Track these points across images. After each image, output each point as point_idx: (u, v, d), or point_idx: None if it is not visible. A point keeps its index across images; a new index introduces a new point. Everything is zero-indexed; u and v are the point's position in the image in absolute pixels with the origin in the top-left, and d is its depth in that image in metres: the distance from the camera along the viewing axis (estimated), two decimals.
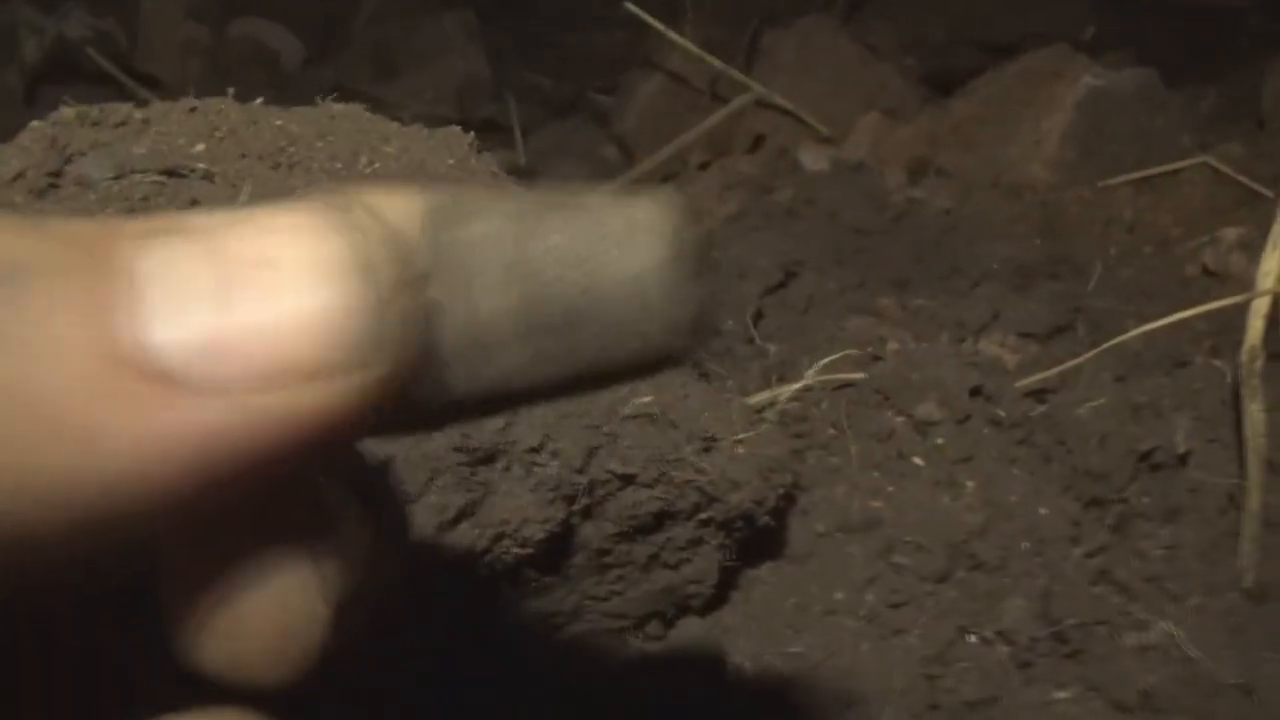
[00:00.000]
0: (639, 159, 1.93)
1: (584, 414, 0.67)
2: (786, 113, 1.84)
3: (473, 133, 0.76)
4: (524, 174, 2.18)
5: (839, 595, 0.86)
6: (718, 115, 1.74)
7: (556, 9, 2.80)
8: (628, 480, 0.70)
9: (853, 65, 1.96)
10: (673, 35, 1.82)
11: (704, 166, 1.78)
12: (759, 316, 1.30)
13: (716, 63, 1.84)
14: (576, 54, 2.66)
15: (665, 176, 1.83)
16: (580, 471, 0.68)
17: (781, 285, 1.36)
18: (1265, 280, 0.96)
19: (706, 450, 0.73)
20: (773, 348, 1.20)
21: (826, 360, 0.94)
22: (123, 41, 1.86)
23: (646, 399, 0.68)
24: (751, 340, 1.24)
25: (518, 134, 2.18)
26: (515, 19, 2.75)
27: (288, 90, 2.28)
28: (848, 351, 0.96)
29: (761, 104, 1.85)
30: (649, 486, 0.71)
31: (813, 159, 1.76)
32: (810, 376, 0.92)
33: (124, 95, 1.83)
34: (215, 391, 0.21)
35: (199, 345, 0.21)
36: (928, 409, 1.02)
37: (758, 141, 1.87)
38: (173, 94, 1.99)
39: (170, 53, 2.19)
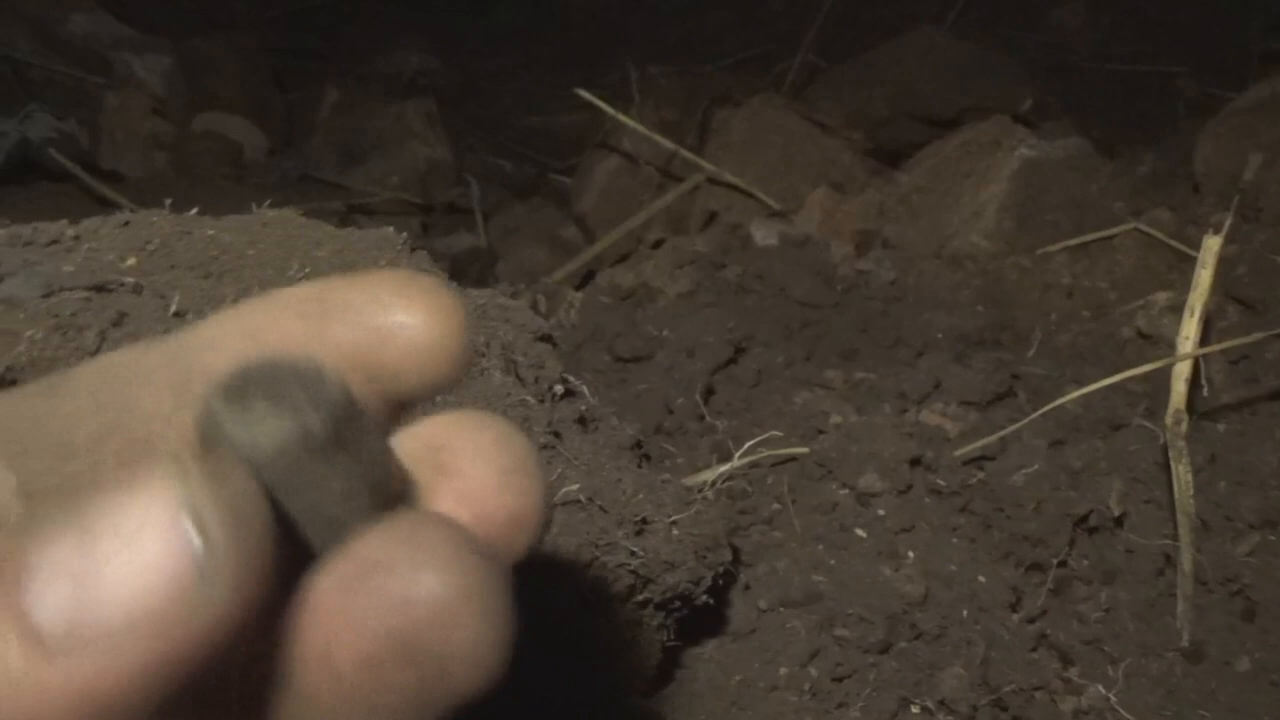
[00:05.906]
0: (598, 238, 1.98)
1: None
2: (738, 189, 1.89)
3: (405, 233, 0.78)
4: (485, 255, 2.22)
5: (782, 670, 0.87)
6: (669, 195, 1.79)
7: (517, 92, 2.87)
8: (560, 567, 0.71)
9: (801, 141, 2.01)
10: (624, 119, 1.87)
11: (658, 244, 1.82)
12: (709, 393, 1.33)
13: (668, 143, 1.90)
14: (537, 136, 2.72)
15: (622, 256, 1.87)
16: None
17: (732, 361, 1.38)
18: (1184, 345, 0.99)
19: (639, 533, 0.75)
20: (721, 424, 1.23)
21: (762, 436, 0.96)
22: (84, 141, 1.90)
23: (574, 487, 0.70)
24: (702, 417, 1.26)
25: (479, 217, 2.23)
26: (476, 104, 2.82)
27: (252, 181, 2.32)
28: (773, 433, 0.98)
29: (715, 181, 1.90)
30: (582, 571, 0.72)
31: (764, 234, 1.80)
32: (746, 456, 0.94)
33: (86, 193, 1.86)
34: (82, 651, 0.26)
35: (64, 618, 0.26)
36: (869, 481, 1.04)
37: (711, 218, 1.91)
38: (137, 189, 2.01)
39: (135, 148, 2.23)
